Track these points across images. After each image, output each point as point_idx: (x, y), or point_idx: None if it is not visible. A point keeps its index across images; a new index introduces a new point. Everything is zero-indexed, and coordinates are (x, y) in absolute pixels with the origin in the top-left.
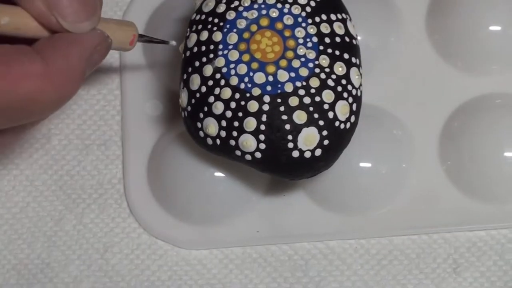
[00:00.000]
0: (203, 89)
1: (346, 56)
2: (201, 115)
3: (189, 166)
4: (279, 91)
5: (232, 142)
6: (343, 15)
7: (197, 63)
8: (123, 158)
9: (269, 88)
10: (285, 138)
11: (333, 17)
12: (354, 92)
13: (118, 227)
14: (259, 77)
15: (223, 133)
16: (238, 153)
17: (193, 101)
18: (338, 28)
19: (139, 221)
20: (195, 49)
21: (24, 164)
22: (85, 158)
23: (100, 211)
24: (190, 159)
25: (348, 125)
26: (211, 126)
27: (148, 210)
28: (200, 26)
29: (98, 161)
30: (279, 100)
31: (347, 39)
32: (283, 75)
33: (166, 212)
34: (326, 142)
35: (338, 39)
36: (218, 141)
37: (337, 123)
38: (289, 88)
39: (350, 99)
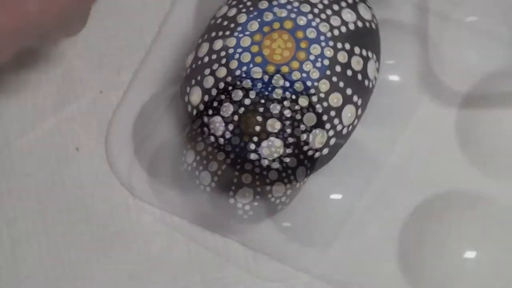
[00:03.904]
0: (206, 59)
1: (348, 92)
2: (193, 82)
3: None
4: (266, 93)
5: (205, 119)
6: (369, 53)
7: (213, 34)
8: None
9: (259, 85)
10: (250, 141)
11: (356, 50)
12: (339, 128)
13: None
14: (257, 72)
15: (201, 107)
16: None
17: (193, 65)
18: (356, 63)
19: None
20: (219, 21)
21: None
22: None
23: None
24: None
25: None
26: (195, 96)
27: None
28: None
29: None
30: (260, 101)
31: (359, 77)
32: (279, 81)
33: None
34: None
35: (349, 73)
36: (194, 112)
37: (311, 152)
38: (277, 95)
39: (331, 132)
